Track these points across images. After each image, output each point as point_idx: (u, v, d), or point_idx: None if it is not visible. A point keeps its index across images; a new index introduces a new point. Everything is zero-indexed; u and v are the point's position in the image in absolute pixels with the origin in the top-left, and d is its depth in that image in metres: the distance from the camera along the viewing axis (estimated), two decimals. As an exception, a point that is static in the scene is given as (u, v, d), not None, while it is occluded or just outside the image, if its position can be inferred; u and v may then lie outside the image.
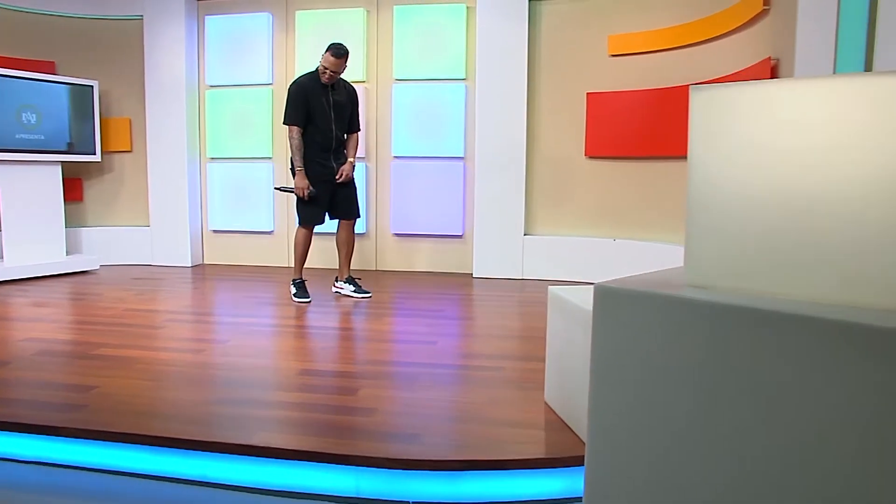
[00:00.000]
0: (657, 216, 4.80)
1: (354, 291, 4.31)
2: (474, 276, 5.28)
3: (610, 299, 1.42)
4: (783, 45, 3.39)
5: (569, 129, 5.09)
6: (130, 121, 5.74)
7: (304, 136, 4.07)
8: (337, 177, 4.17)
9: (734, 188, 1.15)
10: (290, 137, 4.06)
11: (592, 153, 5.04)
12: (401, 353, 3.09)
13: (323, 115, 4.09)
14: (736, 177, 1.14)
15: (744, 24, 3.91)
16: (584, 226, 5.13)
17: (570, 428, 2.20)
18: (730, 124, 1.14)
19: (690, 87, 1.19)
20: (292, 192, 4.14)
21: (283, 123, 4.13)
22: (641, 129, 4.79)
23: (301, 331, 3.60)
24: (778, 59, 3.45)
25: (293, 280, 4.29)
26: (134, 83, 5.67)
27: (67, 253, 5.42)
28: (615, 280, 1.49)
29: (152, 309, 4.05)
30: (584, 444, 1.80)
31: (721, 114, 1.16)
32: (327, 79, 4.04)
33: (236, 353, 3.03)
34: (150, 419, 2.21)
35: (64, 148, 5.30)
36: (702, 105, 1.17)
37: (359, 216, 4.41)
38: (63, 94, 5.24)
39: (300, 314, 3.90)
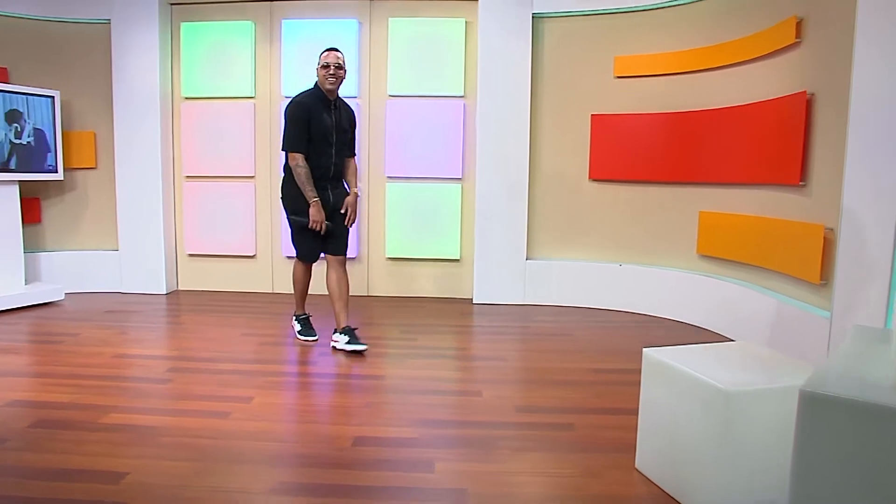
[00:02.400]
0: (662, 241, 4.75)
1: (348, 343, 3.63)
2: (474, 301, 5.09)
3: (818, 408, 1.31)
4: (822, 80, 3.35)
5: (572, 150, 4.97)
6: (95, 134, 5.22)
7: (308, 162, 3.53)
8: (342, 210, 3.65)
9: None
10: (295, 166, 3.49)
11: (596, 176, 4.94)
12: (451, 408, 2.87)
13: (324, 138, 3.55)
14: None
15: (764, 55, 3.87)
16: (587, 250, 5.02)
17: (677, 501, 2.06)
18: None
19: None
20: (305, 223, 3.56)
21: (283, 150, 3.55)
22: (647, 152, 4.72)
23: (325, 381, 3.31)
24: (814, 94, 3.42)
25: (296, 316, 3.97)
26: (99, 93, 5.16)
27: (26, 282, 4.88)
28: (816, 380, 1.40)
29: (146, 354, 3.65)
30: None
31: None
32: (332, 81, 3.49)
33: (269, 417, 2.73)
34: (212, 521, 1.91)
35: (23, 167, 4.76)
36: None
37: (346, 251, 3.78)
38: (21, 105, 4.70)
39: (314, 358, 3.61)
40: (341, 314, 3.70)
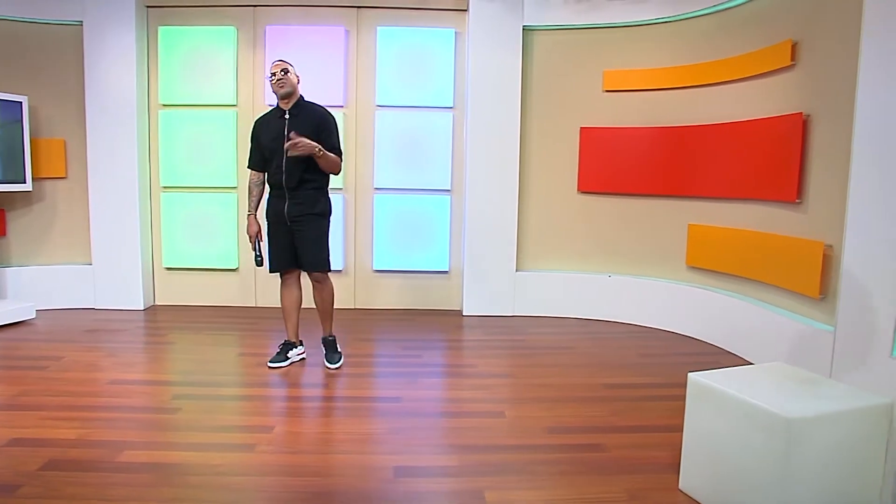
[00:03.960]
0: (649, 252, 4.85)
1: (325, 358, 3.70)
2: (464, 313, 5.08)
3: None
4: (818, 102, 3.49)
5: (561, 162, 5.02)
6: (65, 142, 4.94)
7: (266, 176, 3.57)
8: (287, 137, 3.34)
9: None
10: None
11: (585, 188, 5.00)
12: (480, 431, 2.84)
13: (274, 149, 3.44)
14: None
15: (757, 74, 4.00)
16: (576, 261, 5.08)
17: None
18: None
19: None
20: (257, 251, 3.64)
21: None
22: (635, 166, 4.81)
23: (343, 405, 3.22)
24: (810, 115, 3.56)
25: (283, 342, 3.78)
26: (69, 99, 4.88)
27: (-8, 300, 4.58)
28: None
29: (144, 380, 3.48)
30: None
31: None
32: (279, 87, 3.41)
33: (296, 447, 2.64)
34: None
35: (-13, 177, 4.47)
36: None
37: (316, 268, 3.55)
38: (-15, 112, 4.41)
39: (323, 380, 3.52)
40: (323, 324, 3.75)
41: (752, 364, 3.78)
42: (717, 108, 4.33)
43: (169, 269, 5.17)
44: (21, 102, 4.59)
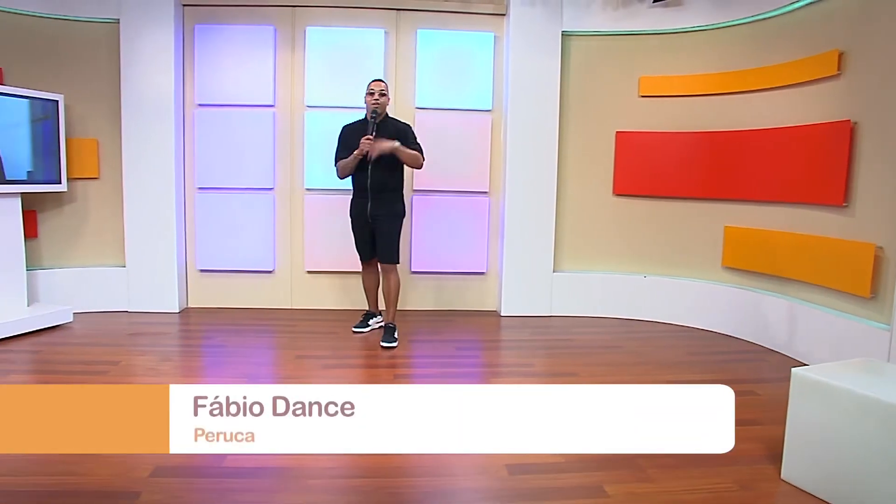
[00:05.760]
0: (684, 253, 4.98)
1: (381, 339, 4.18)
2: (502, 314, 5.14)
3: None
4: (866, 110, 3.65)
5: (597, 166, 5.12)
6: (98, 142, 4.84)
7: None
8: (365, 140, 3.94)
9: None
10: (339, 169, 4.12)
11: (620, 191, 5.11)
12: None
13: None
14: None
15: (800, 83, 4.15)
16: (611, 262, 5.19)
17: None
18: None
19: None
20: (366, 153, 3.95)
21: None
22: (670, 170, 4.94)
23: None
24: (857, 122, 3.72)
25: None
26: (103, 98, 4.79)
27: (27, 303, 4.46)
28: None
29: (215, 382, 3.44)
30: None
31: None
32: (372, 102, 4.01)
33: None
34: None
35: (24, 177, 4.35)
36: None
37: (387, 260, 4.20)
38: (22, 109, 4.29)
39: (398, 379, 3.54)
40: (387, 310, 4.33)
41: (802, 362, 3.93)
42: (756, 114, 4.48)
43: (202, 270, 5.11)
44: (57, 101, 4.48)
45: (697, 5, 4.72)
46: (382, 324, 4.44)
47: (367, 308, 4.58)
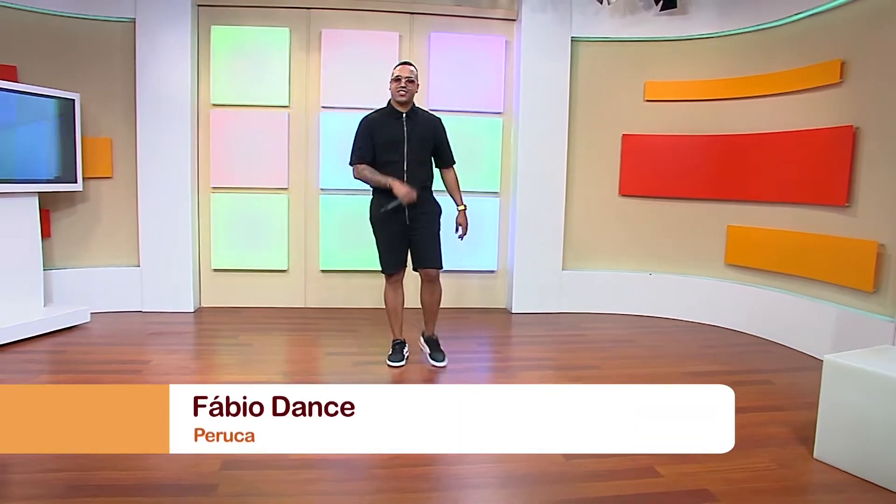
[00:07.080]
0: (688, 251, 5.18)
1: (430, 356, 3.74)
2: (513, 311, 5.27)
3: None
4: (867, 116, 3.89)
5: (604, 167, 5.29)
6: (112, 141, 4.82)
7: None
8: (456, 232, 3.71)
9: None
10: (358, 174, 3.53)
11: (626, 192, 5.29)
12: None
13: (393, 149, 3.49)
14: None
15: (802, 89, 4.37)
16: (617, 260, 5.36)
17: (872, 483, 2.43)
18: None
19: None
20: (399, 203, 3.46)
21: (349, 164, 3.59)
22: (674, 171, 5.13)
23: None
24: (859, 127, 3.95)
25: (393, 341, 3.81)
26: (117, 98, 4.77)
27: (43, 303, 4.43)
28: None
29: (253, 380, 3.48)
30: None
31: None
32: (403, 94, 3.47)
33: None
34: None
35: (42, 176, 4.32)
36: None
37: (435, 264, 3.66)
38: (40, 108, 4.26)
39: (438, 377, 3.63)
40: (428, 322, 3.80)
41: (809, 354, 4.13)
42: (759, 119, 4.69)
43: (217, 270, 5.12)
44: (74, 100, 4.46)
45: (703, 14, 4.92)
46: (421, 347, 3.88)
47: (392, 336, 3.79)
